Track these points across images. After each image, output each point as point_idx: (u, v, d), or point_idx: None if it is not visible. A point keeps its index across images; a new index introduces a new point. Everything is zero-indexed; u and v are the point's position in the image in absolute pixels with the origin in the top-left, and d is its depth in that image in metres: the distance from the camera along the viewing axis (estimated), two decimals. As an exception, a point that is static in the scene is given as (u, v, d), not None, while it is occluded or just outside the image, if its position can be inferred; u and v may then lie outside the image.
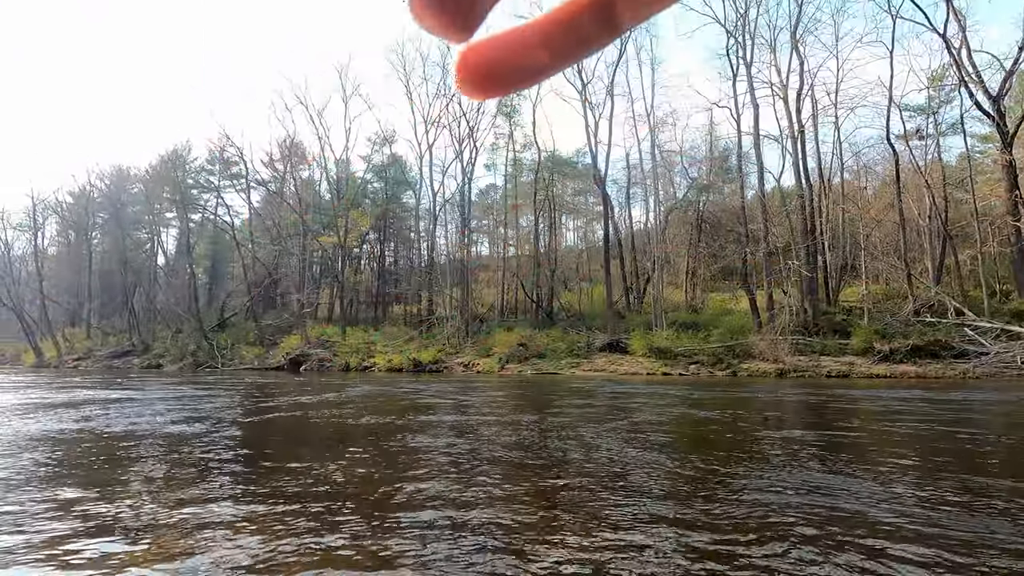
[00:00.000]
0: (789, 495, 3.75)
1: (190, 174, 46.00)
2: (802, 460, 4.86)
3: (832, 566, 2.57)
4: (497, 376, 21.32)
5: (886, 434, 6.29)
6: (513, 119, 36.45)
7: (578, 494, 3.83)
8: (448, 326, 29.98)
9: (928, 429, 6.64)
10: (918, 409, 8.69)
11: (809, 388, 13.36)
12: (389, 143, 39.93)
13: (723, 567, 2.62)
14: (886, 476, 4.27)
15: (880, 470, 4.46)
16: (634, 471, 4.47)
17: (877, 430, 6.65)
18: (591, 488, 3.98)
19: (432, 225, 37.52)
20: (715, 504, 3.56)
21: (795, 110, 25.41)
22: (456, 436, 6.36)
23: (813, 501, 3.61)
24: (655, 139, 30.84)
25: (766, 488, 3.99)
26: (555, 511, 3.45)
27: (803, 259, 23.35)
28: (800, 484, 4.05)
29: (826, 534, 2.98)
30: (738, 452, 5.26)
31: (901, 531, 3.02)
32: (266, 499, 3.69)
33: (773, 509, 3.45)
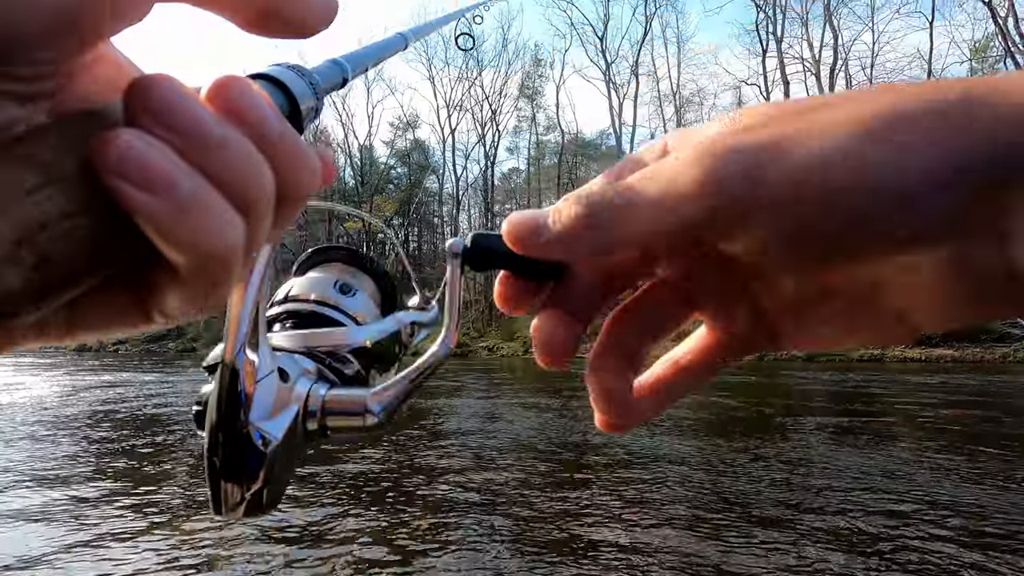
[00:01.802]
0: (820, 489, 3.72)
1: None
2: (839, 444, 4.79)
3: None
4: (521, 359, 21.43)
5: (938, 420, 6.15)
6: (536, 101, 36.08)
7: (609, 478, 3.85)
8: (472, 310, 30.16)
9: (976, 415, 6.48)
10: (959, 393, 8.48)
11: (841, 372, 13.11)
12: (412, 128, 39.96)
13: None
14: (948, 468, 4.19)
15: (937, 461, 4.38)
16: (663, 462, 4.47)
17: (934, 417, 6.51)
18: (619, 474, 3.99)
19: (455, 209, 37.57)
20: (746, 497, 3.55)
21: (828, 86, 24.59)
22: (485, 420, 6.44)
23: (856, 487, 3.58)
24: (681, 119, 30.24)
25: (799, 490, 3.96)
26: (585, 495, 3.48)
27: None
28: (837, 469, 4.00)
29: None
30: (767, 438, 5.22)
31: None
32: (304, 480, 3.80)
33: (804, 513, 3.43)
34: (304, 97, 0.20)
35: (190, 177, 0.14)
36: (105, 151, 0.13)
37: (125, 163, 0.13)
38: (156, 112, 0.14)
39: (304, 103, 0.20)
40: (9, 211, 0.12)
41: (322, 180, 0.19)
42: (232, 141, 0.15)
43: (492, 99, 34.73)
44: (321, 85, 0.21)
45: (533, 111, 36.38)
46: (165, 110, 0.14)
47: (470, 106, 35.30)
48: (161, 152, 0.14)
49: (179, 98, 0.14)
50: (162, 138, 0.14)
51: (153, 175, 0.13)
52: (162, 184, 0.13)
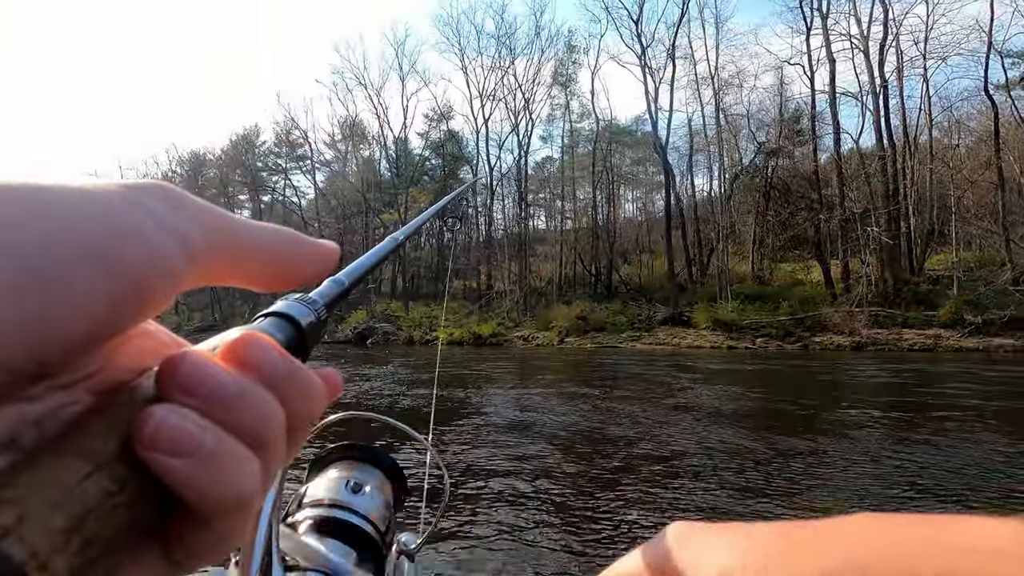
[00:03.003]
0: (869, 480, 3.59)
1: (259, 157, 48.11)
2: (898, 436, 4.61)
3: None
4: (556, 349, 21.39)
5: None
6: (569, 88, 35.65)
7: (649, 472, 3.80)
8: (507, 300, 30.25)
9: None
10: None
11: (893, 362, 12.58)
12: (446, 119, 40.10)
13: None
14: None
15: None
16: (704, 452, 4.38)
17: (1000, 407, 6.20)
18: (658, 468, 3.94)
19: (489, 199, 37.61)
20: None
21: (877, 63, 23.41)
22: (521, 410, 6.45)
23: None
24: (720, 102, 29.38)
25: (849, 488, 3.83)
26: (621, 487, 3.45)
27: (884, 225, 21.75)
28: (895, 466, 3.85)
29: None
30: (824, 430, 5.06)
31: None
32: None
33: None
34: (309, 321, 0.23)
35: (213, 434, 0.16)
36: (143, 429, 0.15)
37: (159, 438, 0.15)
38: (184, 386, 0.16)
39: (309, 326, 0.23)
40: (64, 504, 0.14)
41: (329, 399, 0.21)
42: (247, 393, 0.17)
43: (525, 87, 34.49)
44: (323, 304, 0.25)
45: (567, 98, 35.98)
46: (191, 383, 0.16)
47: (503, 95, 35.17)
48: (189, 419, 0.16)
49: (202, 369, 0.17)
50: (189, 405, 0.16)
51: (182, 442, 0.16)
52: (190, 447, 0.16)
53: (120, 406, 0.16)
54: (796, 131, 28.62)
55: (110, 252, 0.15)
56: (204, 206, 0.20)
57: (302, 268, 0.23)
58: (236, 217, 0.21)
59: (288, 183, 46.76)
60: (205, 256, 0.19)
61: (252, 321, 0.23)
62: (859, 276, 21.29)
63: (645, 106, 29.78)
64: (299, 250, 0.23)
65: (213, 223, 0.19)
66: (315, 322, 0.24)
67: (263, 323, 0.23)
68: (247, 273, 0.21)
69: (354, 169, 40.90)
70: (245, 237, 0.20)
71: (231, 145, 47.13)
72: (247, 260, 0.21)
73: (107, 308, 0.16)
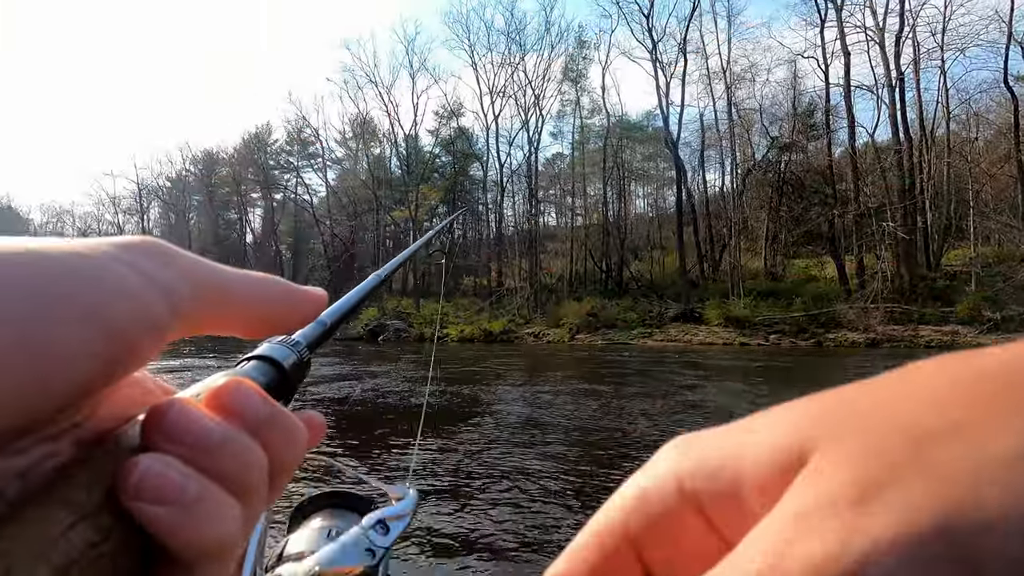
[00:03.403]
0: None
1: (271, 155, 48.47)
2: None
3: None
4: (567, 346, 21.37)
5: None
6: (580, 84, 35.50)
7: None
8: (517, 297, 30.27)
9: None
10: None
11: (908, 359, 12.42)
12: (456, 116, 40.13)
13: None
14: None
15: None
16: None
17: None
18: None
19: (499, 196, 37.61)
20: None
21: (893, 55, 23.03)
22: (530, 406, 6.46)
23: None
24: (732, 97, 29.09)
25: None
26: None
27: (899, 220, 21.44)
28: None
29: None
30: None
31: None
32: (361, 446, 3.93)
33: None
34: (291, 363, 0.24)
35: (196, 481, 0.16)
36: (128, 479, 0.16)
37: (143, 488, 0.16)
38: (168, 434, 0.17)
39: (292, 368, 0.24)
40: (49, 555, 0.14)
41: (312, 443, 0.22)
42: (230, 441, 0.18)
43: (535, 84, 34.40)
44: (306, 345, 0.25)
45: (577, 94, 35.83)
46: (176, 432, 0.17)
47: (513, 92, 35.10)
48: (173, 467, 0.16)
49: (186, 417, 0.17)
50: (173, 453, 0.17)
51: (166, 490, 0.16)
52: (173, 495, 0.16)
53: (105, 456, 0.17)
54: (810, 125, 28.27)
55: (100, 312, 0.16)
56: (193, 261, 0.20)
57: (290, 316, 0.23)
58: (225, 269, 0.21)
59: (300, 181, 47.09)
60: (192, 310, 0.19)
61: (236, 365, 0.24)
62: (874, 272, 21.02)
63: (656, 101, 29.60)
64: (287, 299, 0.23)
65: (201, 277, 0.20)
66: (298, 364, 0.25)
67: (247, 367, 0.23)
68: (236, 323, 0.22)
69: (365, 167, 41.07)
70: (233, 289, 0.21)
71: (243, 144, 47.52)
72: (235, 311, 0.21)
73: (95, 365, 0.16)
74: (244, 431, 0.18)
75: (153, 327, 0.18)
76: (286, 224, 48.11)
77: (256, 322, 0.22)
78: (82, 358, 0.16)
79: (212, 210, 47.96)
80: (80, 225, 58.90)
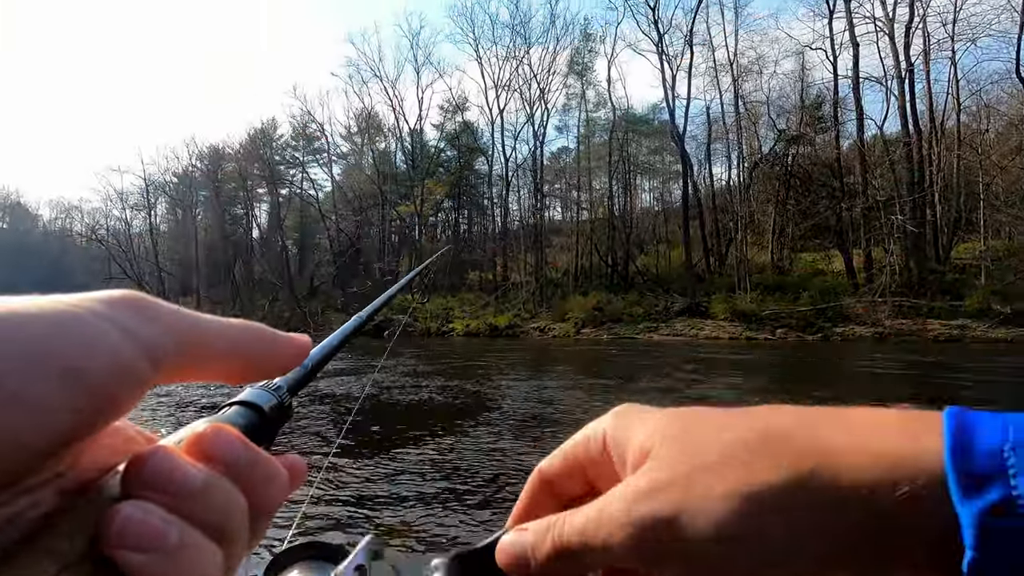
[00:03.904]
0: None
1: (277, 151, 48.55)
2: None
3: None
4: (573, 341, 21.35)
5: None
6: (585, 77, 35.30)
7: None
8: (523, 291, 30.25)
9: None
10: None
11: (916, 353, 12.34)
12: (461, 110, 40.04)
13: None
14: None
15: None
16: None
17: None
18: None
19: (504, 191, 37.53)
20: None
21: (903, 46, 22.73)
22: (534, 401, 6.46)
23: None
24: (738, 89, 28.83)
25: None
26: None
27: (908, 213, 21.23)
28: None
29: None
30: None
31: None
32: (361, 447, 3.94)
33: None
34: (272, 406, 0.25)
35: (178, 528, 0.17)
36: (110, 526, 0.16)
37: (125, 535, 0.16)
38: (149, 482, 0.17)
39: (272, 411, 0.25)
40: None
41: (292, 487, 0.23)
42: (211, 487, 0.18)
43: (540, 77, 34.23)
44: (287, 389, 0.27)
45: (583, 88, 35.63)
46: (157, 479, 0.17)
47: (518, 85, 34.95)
48: (154, 514, 0.17)
49: (167, 465, 0.18)
50: (155, 501, 0.17)
51: (147, 537, 0.16)
52: (155, 543, 0.16)
53: (87, 505, 0.17)
54: (818, 118, 28.00)
55: (82, 369, 0.17)
56: (175, 314, 0.20)
57: (273, 363, 0.24)
58: (207, 320, 0.22)
59: (305, 176, 47.17)
60: (174, 362, 0.20)
61: (218, 411, 0.24)
62: (882, 265, 20.86)
63: (662, 94, 29.41)
64: (271, 347, 0.24)
65: (183, 330, 0.20)
66: (278, 407, 0.25)
67: (228, 413, 0.24)
68: (218, 371, 0.22)
69: (370, 162, 41.06)
70: (217, 339, 0.22)
71: (249, 139, 47.58)
72: (217, 360, 0.22)
73: (76, 419, 0.16)
74: (225, 477, 0.19)
75: (134, 381, 0.18)
76: (292, 219, 48.25)
77: (238, 370, 0.23)
78: (62, 413, 0.16)
79: (218, 205, 48.13)
80: (88, 221, 59.27)
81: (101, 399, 0.17)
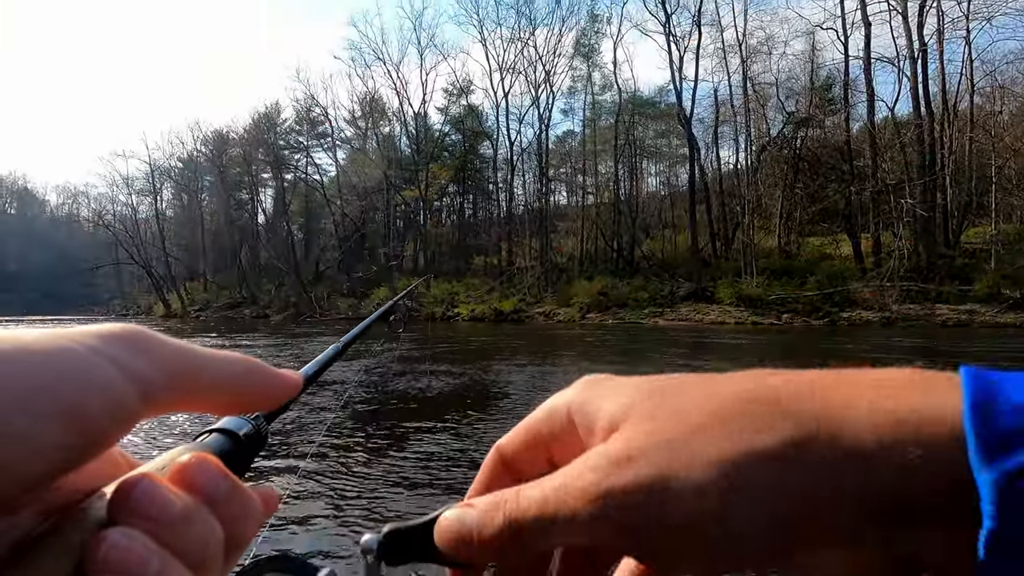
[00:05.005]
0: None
1: (281, 135, 48.40)
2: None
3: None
4: (578, 326, 21.36)
5: None
6: (591, 60, 34.83)
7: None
8: (528, 276, 30.23)
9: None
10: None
11: (924, 338, 12.27)
12: (465, 94, 39.67)
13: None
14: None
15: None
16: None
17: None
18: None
19: (510, 175, 37.31)
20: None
21: (916, 26, 22.27)
22: (536, 387, 6.48)
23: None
24: (747, 71, 28.39)
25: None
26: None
27: (918, 197, 20.97)
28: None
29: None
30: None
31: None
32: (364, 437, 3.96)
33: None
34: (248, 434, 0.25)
35: (159, 557, 0.17)
36: (95, 552, 0.16)
37: (110, 561, 0.16)
38: (135, 510, 0.18)
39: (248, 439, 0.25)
40: None
41: (266, 515, 0.23)
42: (192, 517, 0.19)
43: (546, 59, 33.80)
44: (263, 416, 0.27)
45: (589, 70, 35.18)
46: (142, 507, 0.18)
47: (523, 68, 34.54)
48: (138, 541, 0.17)
49: (152, 493, 0.18)
50: (138, 527, 0.18)
51: (131, 564, 0.17)
52: (137, 570, 0.17)
53: (73, 529, 0.17)
54: (827, 99, 27.57)
55: (74, 405, 0.17)
56: (168, 348, 0.21)
57: (263, 398, 0.25)
58: (202, 353, 0.22)
59: (310, 160, 47.04)
60: (165, 396, 0.20)
61: (197, 438, 0.25)
62: (891, 250, 20.67)
63: (669, 76, 29.01)
64: (262, 383, 0.24)
65: (176, 365, 0.21)
66: (255, 435, 0.26)
67: (208, 440, 0.24)
68: (209, 404, 0.23)
69: (374, 146, 40.86)
70: (208, 374, 0.22)
71: (253, 123, 47.39)
72: (209, 393, 0.22)
73: (64, 454, 0.17)
74: (205, 506, 0.20)
75: (124, 416, 0.19)
76: (297, 204, 48.22)
77: (229, 404, 0.24)
78: (51, 449, 0.17)
79: (224, 190, 48.13)
80: (95, 206, 59.46)
81: (92, 436, 0.18)
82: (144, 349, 0.20)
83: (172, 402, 0.21)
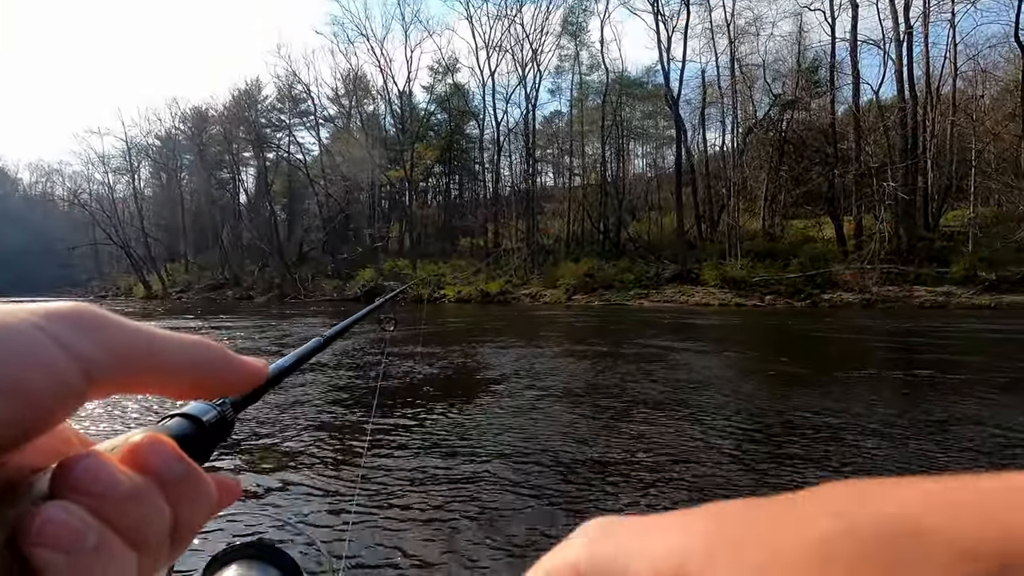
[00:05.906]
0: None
1: (262, 113, 47.31)
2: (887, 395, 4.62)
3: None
4: (564, 307, 21.46)
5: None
6: (579, 38, 34.46)
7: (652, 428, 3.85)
8: (514, 258, 30.20)
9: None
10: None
11: (901, 319, 12.53)
12: (451, 72, 39.06)
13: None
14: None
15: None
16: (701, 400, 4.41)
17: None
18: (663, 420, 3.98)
19: (496, 155, 37.02)
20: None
21: (902, 8, 22.32)
22: (526, 368, 6.51)
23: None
24: (735, 52, 28.32)
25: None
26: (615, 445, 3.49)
27: (900, 180, 21.24)
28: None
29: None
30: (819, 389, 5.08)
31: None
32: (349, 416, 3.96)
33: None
34: (212, 421, 0.25)
35: (96, 531, 0.17)
36: (30, 525, 0.16)
37: (43, 533, 0.16)
38: (75, 486, 0.17)
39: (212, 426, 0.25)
40: None
41: (222, 505, 0.23)
42: (136, 495, 0.18)
43: (533, 37, 33.37)
44: (231, 404, 0.27)
45: (576, 49, 34.83)
46: (83, 483, 0.17)
47: (510, 46, 34.07)
48: (75, 515, 0.17)
49: (95, 469, 0.18)
50: (79, 502, 0.17)
51: (65, 537, 0.16)
52: (72, 543, 0.16)
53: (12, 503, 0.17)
54: (814, 82, 27.62)
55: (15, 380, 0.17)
56: (118, 329, 0.20)
57: (223, 384, 0.24)
58: (158, 335, 0.22)
59: (292, 139, 46.17)
60: (112, 377, 0.20)
61: (160, 421, 0.25)
62: (872, 233, 20.96)
63: (657, 56, 28.82)
64: (223, 368, 0.24)
65: (125, 346, 0.20)
66: (220, 422, 0.25)
67: (168, 423, 0.24)
68: (164, 387, 0.22)
69: (358, 125, 40.16)
70: (163, 357, 0.21)
71: (233, 101, 46.26)
72: (163, 376, 0.22)
73: (6, 430, 0.17)
74: (154, 487, 0.19)
75: (68, 394, 0.18)
76: (280, 184, 47.45)
77: (187, 387, 0.23)
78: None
79: (204, 169, 47.12)
80: (70, 185, 57.96)
81: (35, 412, 0.17)
82: (91, 328, 0.20)
83: (121, 383, 0.20)
